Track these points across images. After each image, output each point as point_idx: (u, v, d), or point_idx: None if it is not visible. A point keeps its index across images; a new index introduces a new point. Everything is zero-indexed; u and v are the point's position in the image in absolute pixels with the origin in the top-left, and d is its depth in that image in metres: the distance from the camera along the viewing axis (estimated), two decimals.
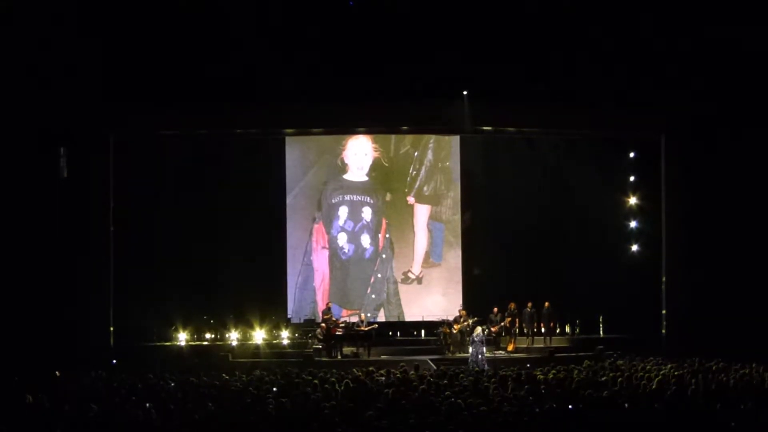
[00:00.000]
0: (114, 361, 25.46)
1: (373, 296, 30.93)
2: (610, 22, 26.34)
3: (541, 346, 28.78)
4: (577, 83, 27.38)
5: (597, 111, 28.64)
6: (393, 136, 31.24)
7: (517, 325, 28.93)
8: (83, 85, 26.61)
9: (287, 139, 30.98)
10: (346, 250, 31.00)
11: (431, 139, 31.33)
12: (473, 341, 25.71)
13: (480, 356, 25.28)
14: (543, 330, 29.16)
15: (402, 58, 26.49)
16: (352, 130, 30.81)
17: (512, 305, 28.84)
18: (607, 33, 26.40)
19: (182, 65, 26.49)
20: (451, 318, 28.71)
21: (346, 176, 31.11)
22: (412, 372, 19.52)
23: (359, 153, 31.16)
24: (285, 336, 29.07)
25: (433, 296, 31.01)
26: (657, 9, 26.13)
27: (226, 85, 27.00)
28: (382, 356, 27.30)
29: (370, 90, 27.36)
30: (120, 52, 26.03)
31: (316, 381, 17.37)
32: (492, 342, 27.86)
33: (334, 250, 30.99)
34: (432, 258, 31.24)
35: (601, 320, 29.73)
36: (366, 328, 27.96)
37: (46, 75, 26.03)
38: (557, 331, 29.59)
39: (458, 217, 31.25)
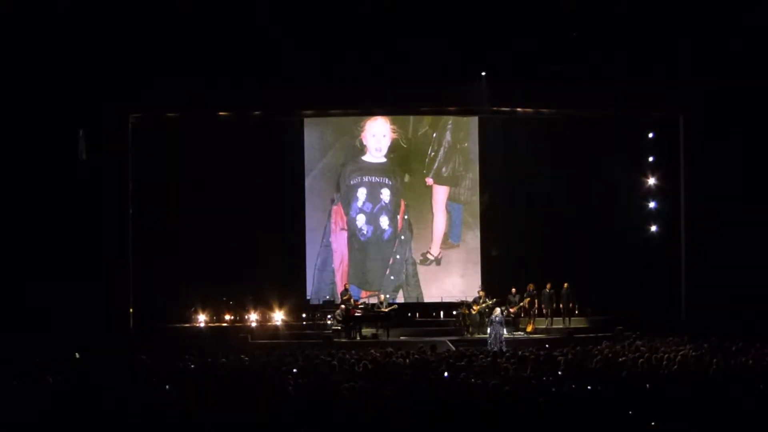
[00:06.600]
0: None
1: (392, 277, 30.93)
2: (629, 1, 26.18)
3: (560, 326, 28.77)
4: (595, 62, 27.24)
5: (615, 90, 28.49)
6: (411, 117, 31.17)
7: (536, 305, 28.94)
8: (102, 67, 26.65)
9: (305, 120, 30.98)
10: (365, 232, 31.00)
11: (449, 120, 31.24)
12: (492, 322, 25.80)
13: (499, 337, 25.37)
14: (562, 311, 29.14)
15: (420, 39, 26.39)
16: (370, 111, 30.80)
17: (531, 286, 28.86)
18: (626, 11, 26.20)
19: (201, 47, 26.49)
20: (469, 299, 28.76)
21: (364, 158, 31.07)
22: (430, 353, 19.53)
23: (377, 134, 31.11)
24: (304, 317, 29.16)
25: (452, 277, 30.98)
26: None
27: (245, 66, 27.04)
28: (401, 337, 27.35)
29: (389, 71, 27.32)
30: (139, 32, 26.02)
31: (335, 362, 17.40)
32: (511, 323, 27.90)
33: (352, 232, 30.99)
34: (451, 239, 31.20)
35: (620, 301, 29.61)
36: (385, 310, 28.03)
37: (65, 56, 26.10)
38: (576, 312, 29.51)
39: (477, 198, 31.16)
